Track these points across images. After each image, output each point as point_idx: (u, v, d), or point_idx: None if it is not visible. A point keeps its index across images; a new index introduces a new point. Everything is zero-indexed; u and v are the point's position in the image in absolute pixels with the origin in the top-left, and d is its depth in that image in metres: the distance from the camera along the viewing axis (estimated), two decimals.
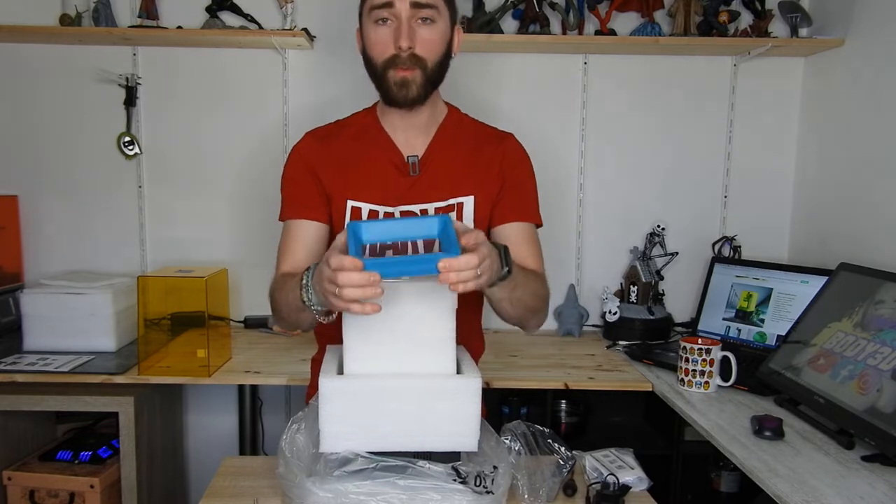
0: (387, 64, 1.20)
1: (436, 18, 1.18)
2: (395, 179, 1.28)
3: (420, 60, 1.19)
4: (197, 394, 2.40)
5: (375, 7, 1.18)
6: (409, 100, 1.22)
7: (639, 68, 2.31)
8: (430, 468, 1.03)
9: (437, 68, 1.22)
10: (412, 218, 1.10)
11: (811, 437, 1.41)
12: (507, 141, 1.34)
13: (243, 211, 2.34)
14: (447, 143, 1.30)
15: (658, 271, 2.29)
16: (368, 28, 1.21)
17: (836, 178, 2.12)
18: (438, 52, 1.21)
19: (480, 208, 1.28)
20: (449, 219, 1.01)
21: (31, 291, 1.95)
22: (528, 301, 1.21)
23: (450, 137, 1.31)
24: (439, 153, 1.29)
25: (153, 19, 2.17)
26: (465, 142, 1.31)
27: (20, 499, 1.92)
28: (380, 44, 1.20)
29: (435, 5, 1.17)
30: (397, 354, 1.07)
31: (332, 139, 1.33)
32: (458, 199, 1.27)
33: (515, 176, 1.31)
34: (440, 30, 1.20)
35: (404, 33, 1.16)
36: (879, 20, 1.92)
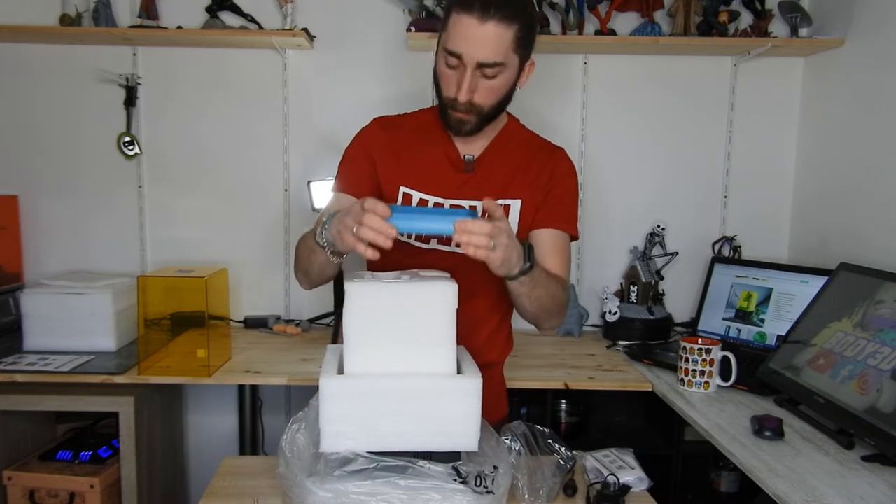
0: (448, 102, 1.25)
1: (500, 72, 1.21)
2: (449, 174, 1.33)
3: (477, 107, 1.24)
4: (197, 394, 2.40)
5: (447, 51, 1.20)
6: (462, 134, 1.28)
7: (639, 68, 2.31)
8: (431, 468, 1.03)
9: (494, 110, 1.27)
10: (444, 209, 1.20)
11: (811, 437, 1.41)
12: (557, 154, 1.39)
13: (243, 211, 2.34)
14: (502, 149, 1.35)
15: (658, 271, 2.29)
16: (440, 61, 1.25)
17: (835, 178, 2.12)
18: (498, 97, 1.25)
19: (526, 213, 1.33)
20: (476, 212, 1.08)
21: (31, 291, 1.95)
22: (546, 302, 1.24)
23: (505, 144, 1.36)
24: (494, 156, 1.34)
25: (153, 19, 2.17)
26: (519, 149, 1.36)
27: (20, 499, 1.92)
28: (446, 81, 1.24)
29: (502, 62, 1.19)
30: (398, 354, 1.07)
31: (395, 128, 1.37)
32: (507, 200, 1.32)
33: (560, 187, 1.35)
34: (503, 80, 1.23)
35: (465, 87, 1.20)
36: (879, 20, 1.92)
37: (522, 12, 1.19)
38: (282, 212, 2.35)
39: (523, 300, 1.22)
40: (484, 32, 1.16)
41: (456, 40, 1.18)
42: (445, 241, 1.31)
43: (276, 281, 2.38)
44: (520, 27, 1.18)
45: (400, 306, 1.07)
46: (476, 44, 1.17)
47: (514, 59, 1.22)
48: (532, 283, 1.17)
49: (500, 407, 1.47)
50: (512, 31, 1.17)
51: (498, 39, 1.17)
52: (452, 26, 1.18)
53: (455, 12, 1.18)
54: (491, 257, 1.04)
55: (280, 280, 2.38)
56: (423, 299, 1.08)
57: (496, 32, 1.16)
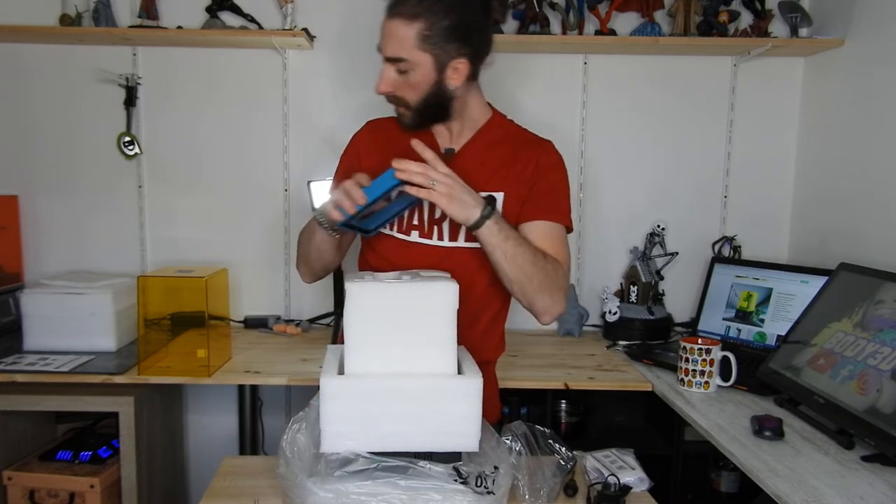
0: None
1: (409, 68, 1.27)
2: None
3: (402, 100, 1.31)
4: (197, 394, 2.40)
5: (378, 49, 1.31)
6: (405, 128, 1.35)
7: (639, 68, 2.31)
8: (431, 468, 1.03)
9: (423, 104, 1.31)
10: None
11: (811, 437, 1.41)
12: (543, 146, 1.39)
13: (243, 211, 2.34)
14: (485, 142, 1.37)
15: (658, 271, 2.30)
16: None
17: (836, 178, 2.12)
18: (420, 92, 1.29)
19: (510, 205, 1.33)
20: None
21: (31, 291, 1.95)
22: (527, 268, 1.23)
23: (488, 137, 1.38)
24: (476, 149, 1.37)
25: (153, 19, 2.17)
26: (503, 143, 1.37)
27: (20, 499, 1.92)
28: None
29: (405, 58, 1.26)
30: (398, 354, 1.07)
31: (383, 129, 1.45)
32: (490, 193, 1.33)
33: (546, 180, 1.35)
34: (418, 76, 1.28)
35: (379, 79, 1.30)
36: (879, 20, 1.92)
37: (429, 11, 1.24)
38: (282, 212, 2.35)
39: (498, 256, 1.21)
40: (389, 29, 1.26)
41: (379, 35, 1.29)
42: (427, 235, 1.33)
43: (276, 281, 2.38)
44: (425, 25, 1.23)
45: (400, 306, 1.07)
46: (384, 39, 1.27)
47: (423, 56, 1.26)
48: (502, 234, 1.20)
49: (495, 406, 1.47)
50: (414, 29, 1.23)
51: (399, 36, 1.24)
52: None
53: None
54: (434, 196, 1.15)
55: (280, 280, 2.38)
56: (424, 299, 1.08)
57: (398, 29, 1.24)
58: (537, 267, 1.25)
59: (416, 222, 1.35)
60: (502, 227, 1.21)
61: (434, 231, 1.34)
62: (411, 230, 1.35)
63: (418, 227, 1.35)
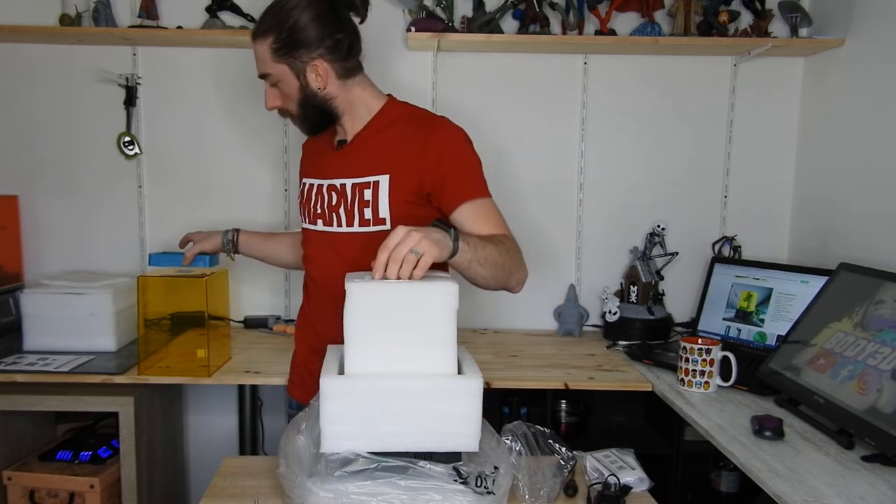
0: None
1: (276, 81, 1.39)
2: (326, 158, 1.48)
3: (287, 111, 1.45)
4: (197, 394, 2.40)
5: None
6: (306, 134, 1.51)
7: (639, 68, 2.31)
8: (431, 468, 1.03)
9: (303, 111, 1.42)
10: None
11: (811, 437, 1.41)
12: (434, 125, 1.38)
13: (243, 211, 2.34)
14: (375, 129, 1.43)
15: (658, 271, 2.29)
16: None
17: (836, 178, 2.12)
18: (295, 99, 1.41)
19: (397, 187, 1.36)
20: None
21: (31, 291, 1.95)
22: (495, 258, 1.25)
23: (379, 124, 1.43)
24: (365, 137, 1.43)
25: (153, 19, 2.17)
26: (392, 127, 1.41)
27: (20, 499, 1.92)
28: None
29: (269, 72, 1.39)
30: (398, 354, 1.07)
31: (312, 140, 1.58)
32: (373, 177, 1.38)
33: (443, 160, 1.34)
34: (286, 86, 1.39)
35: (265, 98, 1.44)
36: (879, 20, 1.92)
37: (275, 26, 1.35)
38: (282, 212, 2.35)
39: (475, 268, 1.23)
40: (254, 49, 1.39)
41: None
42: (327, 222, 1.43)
43: (276, 281, 2.38)
44: (273, 39, 1.35)
45: (400, 306, 1.07)
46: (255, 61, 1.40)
47: (280, 66, 1.37)
48: (471, 247, 1.20)
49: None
50: (266, 45, 1.36)
51: (258, 54, 1.38)
52: None
53: None
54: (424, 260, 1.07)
55: (280, 280, 2.38)
56: (424, 299, 1.08)
57: (257, 48, 1.38)
58: (503, 255, 1.28)
59: (318, 210, 1.44)
60: (466, 240, 1.20)
61: (333, 218, 1.42)
62: (316, 220, 1.45)
63: (321, 214, 1.44)
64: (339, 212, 1.40)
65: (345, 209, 1.39)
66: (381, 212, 1.36)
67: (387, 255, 1.06)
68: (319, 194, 1.45)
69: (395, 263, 1.06)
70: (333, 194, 1.41)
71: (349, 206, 1.39)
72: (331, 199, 1.42)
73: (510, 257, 1.30)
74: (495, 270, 1.26)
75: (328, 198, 1.42)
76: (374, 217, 1.36)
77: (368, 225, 1.37)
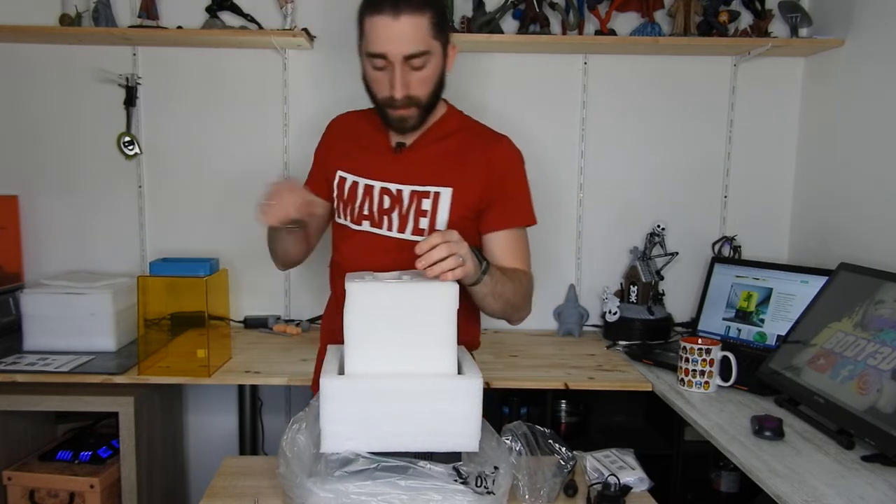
0: (385, 102, 1.29)
1: (428, 61, 1.25)
2: (378, 157, 1.39)
3: (415, 99, 1.28)
4: (197, 394, 2.40)
5: (371, 55, 1.24)
6: (406, 130, 1.34)
7: (639, 68, 2.31)
8: (431, 468, 1.03)
9: (432, 97, 1.31)
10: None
11: (811, 437, 1.41)
12: (498, 143, 1.38)
13: (243, 211, 2.33)
14: (436, 136, 1.37)
15: (658, 271, 2.29)
16: (367, 67, 1.29)
17: (836, 178, 2.12)
18: (433, 84, 1.29)
19: (458, 201, 1.34)
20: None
21: (31, 291, 1.95)
22: (509, 296, 1.28)
23: (440, 131, 1.38)
24: (426, 143, 1.37)
25: (153, 19, 2.17)
26: (454, 137, 1.38)
27: (20, 499, 1.92)
28: (378, 84, 1.28)
29: (427, 50, 1.24)
30: (398, 354, 1.07)
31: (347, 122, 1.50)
32: (436, 187, 1.33)
33: (504, 182, 1.36)
34: (433, 67, 1.27)
35: (398, 84, 1.25)
36: (879, 20, 1.92)
37: (429, 0, 1.24)
38: None
39: (488, 300, 1.26)
40: (401, 27, 1.21)
41: (376, 42, 1.22)
42: (377, 224, 1.37)
43: (276, 281, 2.38)
44: (433, 13, 1.23)
45: (400, 306, 1.07)
46: (396, 40, 1.21)
47: (436, 44, 1.26)
48: (493, 281, 1.23)
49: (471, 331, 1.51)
50: (426, 19, 1.22)
51: (416, 30, 1.22)
52: (369, 30, 1.23)
53: (368, 16, 1.23)
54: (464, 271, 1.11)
55: (280, 280, 2.38)
56: (424, 299, 1.08)
57: (412, 23, 1.21)
58: (517, 293, 1.30)
59: (366, 212, 1.38)
60: (492, 274, 1.23)
61: (384, 221, 1.36)
62: (362, 220, 1.38)
63: (368, 216, 1.37)
64: (392, 216, 1.35)
65: (399, 215, 1.35)
66: (439, 223, 1.33)
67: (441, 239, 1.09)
68: (368, 195, 1.37)
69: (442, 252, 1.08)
70: (387, 198, 1.35)
71: (404, 212, 1.35)
72: (382, 202, 1.36)
73: (521, 297, 1.33)
74: (504, 306, 1.29)
75: (380, 201, 1.36)
76: (431, 228, 1.33)
77: (423, 234, 1.33)
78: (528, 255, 1.39)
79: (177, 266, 1.82)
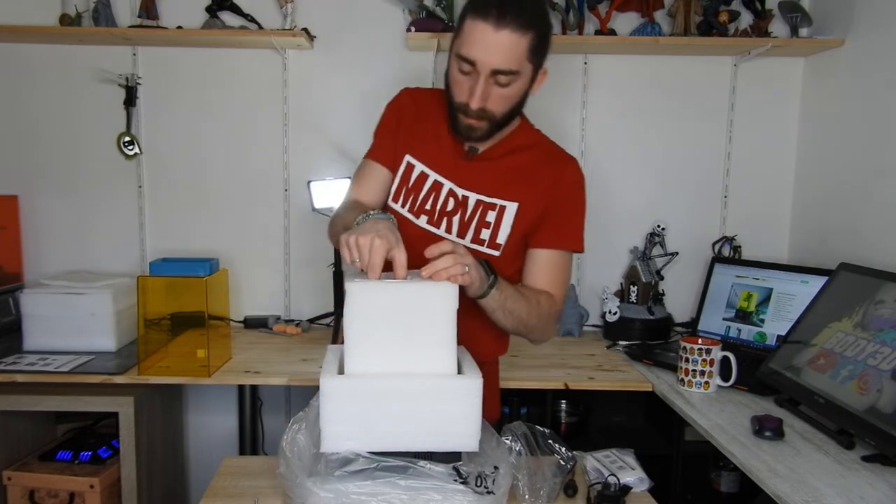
0: (460, 107, 1.24)
1: (514, 80, 1.21)
2: (451, 155, 1.34)
3: (488, 113, 1.23)
4: (197, 394, 2.40)
5: (461, 58, 1.20)
6: (472, 140, 1.29)
7: (639, 68, 2.31)
8: (431, 468, 1.03)
9: (507, 116, 1.27)
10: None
11: (811, 437, 1.41)
12: (567, 164, 1.36)
13: (243, 211, 2.34)
14: (509, 150, 1.34)
15: (658, 271, 2.29)
16: (453, 66, 1.24)
17: (836, 178, 2.12)
18: (510, 105, 1.25)
19: (521, 217, 1.31)
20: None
21: (31, 291, 1.95)
22: (521, 314, 1.25)
23: (513, 144, 1.35)
24: (498, 155, 1.33)
25: (153, 19, 2.17)
26: (525, 152, 1.35)
27: (20, 499, 1.92)
28: (458, 86, 1.24)
29: (517, 70, 1.19)
30: (398, 354, 1.07)
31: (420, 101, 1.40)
32: (502, 200, 1.31)
33: (563, 202, 1.33)
34: (517, 88, 1.23)
35: (478, 95, 1.20)
36: (879, 20, 1.92)
37: (538, 21, 1.19)
38: (282, 212, 2.35)
39: (498, 315, 1.24)
40: (499, 39, 1.15)
41: (470, 46, 1.18)
42: (434, 223, 1.33)
43: (276, 281, 2.38)
44: (535, 35, 1.18)
45: (401, 306, 1.07)
46: (491, 51, 1.16)
47: (528, 67, 1.21)
48: (502, 296, 1.20)
49: (493, 407, 1.47)
50: (527, 40, 1.17)
51: (513, 47, 1.16)
52: (467, 32, 1.18)
53: (470, 18, 1.18)
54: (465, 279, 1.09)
55: (280, 280, 2.38)
56: (424, 299, 1.08)
57: (511, 40, 1.16)
58: (532, 314, 1.27)
59: (428, 207, 1.33)
60: (502, 290, 1.21)
61: (443, 222, 1.33)
62: (421, 214, 1.34)
63: (429, 212, 1.33)
64: (453, 220, 1.32)
65: (460, 220, 1.32)
66: (500, 238, 1.31)
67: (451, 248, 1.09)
68: (435, 191, 1.33)
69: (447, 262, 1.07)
70: (452, 200, 1.32)
71: (466, 220, 1.32)
72: (446, 203, 1.33)
73: (538, 319, 1.29)
74: (516, 324, 1.27)
75: (444, 201, 1.33)
76: (491, 241, 1.31)
77: (482, 245, 1.31)
78: (564, 281, 1.35)
79: (177, 266, 1.81)
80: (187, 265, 1.83)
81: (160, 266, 1.81)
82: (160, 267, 1.81)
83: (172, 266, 1.81)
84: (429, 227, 1.33)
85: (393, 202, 1.37)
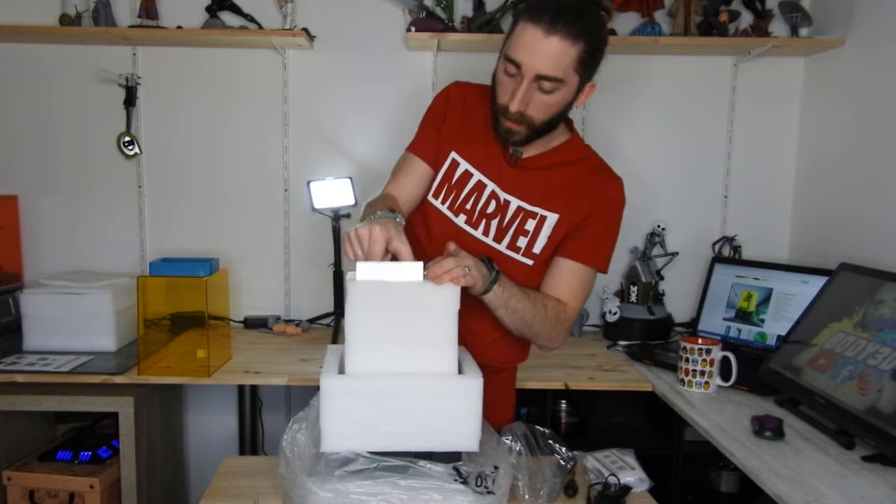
0: (500, 109, 1.24)
1: (558, 88, 1.20)
2: (496, 157, 1.33)
3: (528, 119, 1.23)
4: (197, 394, 2.40)
5: (507, 59, 1.20)
6: (509, 143, 1.29)
7: (639, 68, 2.31)
8: (431, 468, 1.03)
9: (546, 124, 1.25)
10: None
11: (811, 437, 1.41)
12: (610, 182, 1.35)
13: (243, 211, 2.34)
14: (555, 162, 1.33)
15: (658, 271, 2.29)
16: (500, 67, 1.24)
17: (836, 178, 2.12)
18: (551, 113, 1.24)
19: (559, 229, 1.31)
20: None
21: (31, 291, 1.95)
22: (525, 315, 1.25)
23: (561, 158, 1.34)
24: (543, 165, 1.33)
25: (153, 19, 2.17)
26: (571, 166, 1.34)
27: (20, 499, 1.92)
28: (502, 87, 1.24)
29: (561, 79, 1.18)
30: (399, 354, 1.07)
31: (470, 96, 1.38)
32: (544, 210, 1.31)
33: (599, 219, 1.32)
34: (560, 96, 1.21)
35: (519, 98, 1.20)
36: (879, 20, 1.92)
37: (591, 32, 1.18)
38: (281, 212, 2.35)
39: (501, 313, 1.24)
40: (547, 45, 1.15)
41: (518, 49, 1.18)
42: (473, 224, 1.32)
43: (276, 281, 2.38)
44: (585, 47, 1.17)
45: (401, 306, 1.07)
46: (537, 55, 1.16)
47: (575, 77, 1.20)
48: (505, 294, 1.21)
49: (504, 413, 1.47)
50: (576, 50, 1.16)
51: (560, 55, 1.16)
52: (518, 34, 1.18)
53: (523, 21, 1.17)
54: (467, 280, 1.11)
55: (280, 280, 2.38)
56: (425, 299, 1.08)
57: (560, 48, 1.15)
58: (538, 317, 1.27)
59: (468, 206, 1.33)
60: (505, 287, 1.21)
61: (481, 224, 1.32)
62: (460, 212, 1.33)
63: (469, 212, 1.33)
64: (492, 223, 1.32)
65: (499, 224, 1.32)
66: (536, 248, 1.31)
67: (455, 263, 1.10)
68: (478, 191, 1.32)
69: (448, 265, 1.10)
70: (493, 203, 1.32)
71: (504, 225, 1.31)
72: (487, 205, 1.32)
73: (545, 323, 1.29)
74: (520, 325, 1.27)
75: (485, 203, 1.32)
76: (527, 249, 1.31)
77: (517, 252, 1.31)
78: (582, 293, 1.34)
79: (177, 266, 1.81)
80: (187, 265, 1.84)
81: (160, 266, 1.81)
82: (160, 267, 1.81)
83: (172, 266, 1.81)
84: (466, 228, 1.33)
85: (433, 198, 1.36)
